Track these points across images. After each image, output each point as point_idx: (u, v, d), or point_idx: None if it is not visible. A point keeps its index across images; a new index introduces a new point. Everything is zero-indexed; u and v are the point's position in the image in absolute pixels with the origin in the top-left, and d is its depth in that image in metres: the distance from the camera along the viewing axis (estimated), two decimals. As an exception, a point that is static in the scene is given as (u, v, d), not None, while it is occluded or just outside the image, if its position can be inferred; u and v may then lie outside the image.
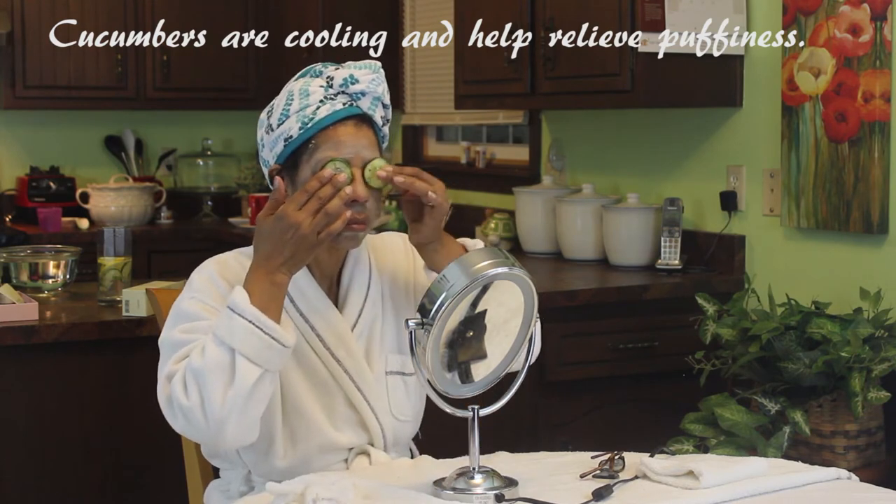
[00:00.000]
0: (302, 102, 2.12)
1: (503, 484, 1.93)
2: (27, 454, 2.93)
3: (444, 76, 5.09)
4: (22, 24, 5.42)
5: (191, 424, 1.99)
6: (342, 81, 2.13)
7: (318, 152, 2.09)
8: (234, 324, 1.96)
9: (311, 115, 2.10)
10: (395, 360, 2.24)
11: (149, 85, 5.69)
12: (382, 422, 2.22)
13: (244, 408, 1.97)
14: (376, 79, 2.16)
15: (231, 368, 1.96)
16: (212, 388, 1.95)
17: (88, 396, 2.99)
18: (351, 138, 2.11)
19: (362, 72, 2.16)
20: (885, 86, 3.26)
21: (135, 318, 2.97)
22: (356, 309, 2.22)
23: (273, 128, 2.14)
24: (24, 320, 2.93)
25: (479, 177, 5.09)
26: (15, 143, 5.80)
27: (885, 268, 3.33)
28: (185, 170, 6.02)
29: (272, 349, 1.97)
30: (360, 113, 2.14)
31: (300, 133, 2.10)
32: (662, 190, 4.06)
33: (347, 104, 2.13)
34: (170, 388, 2.01)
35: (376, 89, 2.16)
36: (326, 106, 2.11)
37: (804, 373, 3.00)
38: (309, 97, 2.12)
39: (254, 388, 1.96)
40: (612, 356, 3.60)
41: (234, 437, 2.01)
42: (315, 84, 2.14)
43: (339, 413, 2.19)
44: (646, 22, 3.55)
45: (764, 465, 2.03)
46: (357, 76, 2.14)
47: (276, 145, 2.14)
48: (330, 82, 2.14)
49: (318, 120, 2.10)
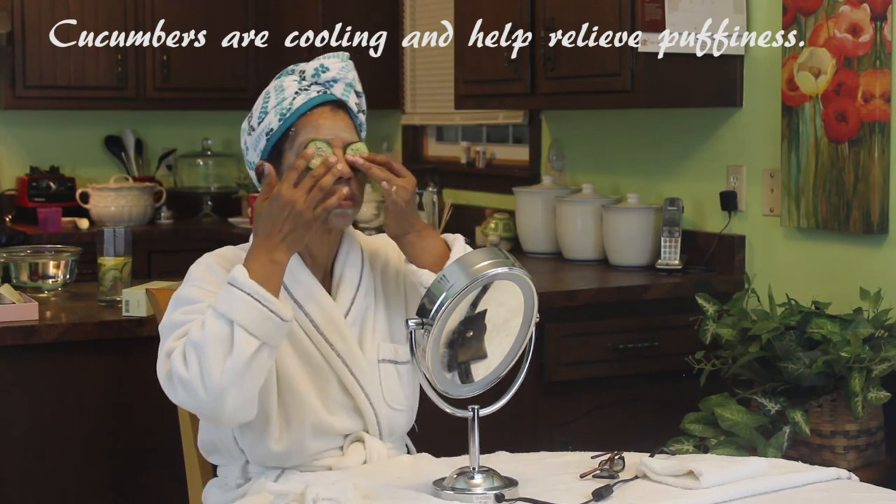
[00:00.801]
0: (278, 97, 2.22)
1: (503, 484, 1.93)
2: (27, 454, 2.93)
3: (444, 76, 5.09)
4: (22, 24, 5.42)
5: (191, 396, 2.02)
6: (314, 72, 2.24)
7: (298, 137, 2.18)
8: (233, 297, 2.01)
9: (288, 105, 2.20)
10: (388, 349, 2.29)
11: (149, 85, 5.69)
12: (377, 408, 2.25)
13: (242, 379, 2.00)
14: (346, 66, 2.26)
15: (230, 340, 2.00)
16: (211, 359, 1.99)
17: (88, 396, 2.98)
18: (328, 121, 2.20)
19: (331, 61, 2.26)
20: (885, 86, 3.26)
21: (135, 318, 2.97)
22: (349, 297, 2.27)
23: (254, 128, 2.24)
24: (24, 320, 2.93)
25: (479, 177, 5.09)
26: (15, 143, 5.80)
27: (885, 268, 3.33)
28: (185, 170, 6.02)
29: (270, 321, 2.01)
30: (334, 99, 2.23)
31: (280, 124, 2.20)
32: (662, 190, 4.06)
33: (321, 92, 2.23)
34: (169, 363, 2.04)
35: (347, 76, 2.26)
36: (301, 96, 2.21)
37: (804, 373, 3.00)
38: (284, 91, 2.22)
39: (252, 360, 2.00)
40: (612, 356, 3.60)
41: (234, 410, 2.03)
42: (289, 80, 2.25)
43: (333, 397, 2.23)
44: (646, 22, 3.55)
45: (764, 465, 2.03)
46: (327, 65, 2.25)
47: (259, 142, 2.23)
48: (302, 75, 2.25)
49: (296, 108, 2.20)
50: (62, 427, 2.96)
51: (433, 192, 4.65)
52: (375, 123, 5.85)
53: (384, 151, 5.77)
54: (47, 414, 2.95)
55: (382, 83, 5.56)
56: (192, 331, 2.03)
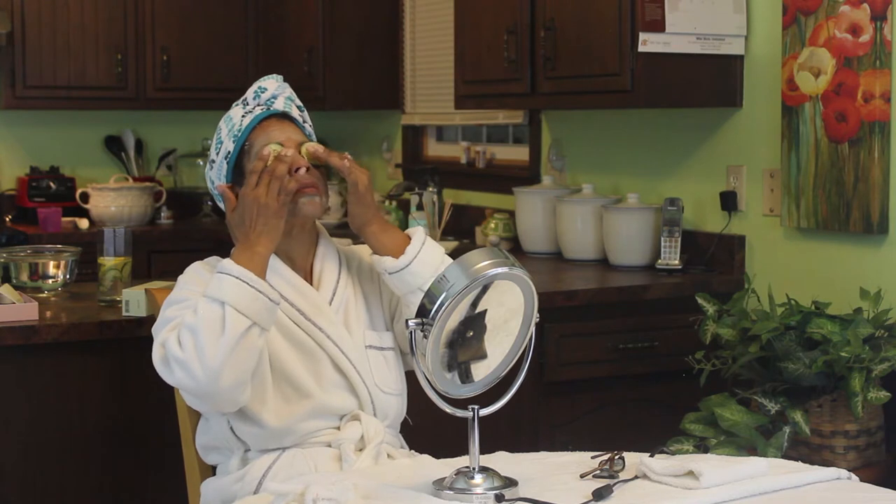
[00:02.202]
0: (228, 126, 2.40)
1: (503, 484, 1.93)
2: (27, 454, 2.93)
3: (444, 76, 5.09)
4: (22, 24, 5.42)
5: (188, 375, 2.15)
6: (254, 95, 2.44)
7: (254, 148, 2.36)
8: (223, 282, 2.17)
9: (238, 128, 2.38)
10: (372, 336, 2.42)
11: (149, 85, 5.69)
12: (370, 388, 2.36)
13: (236, 356, 2.14)
14: (282, 85, 2.46)
15: (222, 320, 2.14)
16: (206, 338, 2.13)
17: (88, 396, 2.98)
18: (277, 129, 2.38)
19: (268, 82, 2.46)
20: (885, 86, 3.26)
21: (135, 318, 2.97)
22: (331, 287, 2.41)
23: (214, 160, 2.42)
24: (24, 320, 2.93)
25: (479, 177, 5.09)
26: (15, 143, 5.80)
27: (885, 268, 3.33)
28: (185, 170, 6.02)
29: (258, 301, 2.17)
30: (278, 112, 2.42)
31: (234, 145, 2.38)
32: (662, 190, 4.06)
33: (264, 109, 2.41)
34: (164, 349, 2.18)
35: (284, 91, 2.45)
36: (248, 116, 2.39)
37: (804, 373, 3.00)
38: (232, 119, 2.41)
39: (243, 337, 2.15)
40: (612, 356, 3.60)
41: (229, 388, 2.16)
42: (234, 110, 2.43)
43: (326, 377, 2.34)
44: (646, 22, 3.55)
45: (764, 465, 2.03)
46: (264, 86, 2.45)
47: (221, 169, 2.40)
48: (245, 102, 2.44)
49: (245, 127, 2.38)
50: (62, 427, 2.96)
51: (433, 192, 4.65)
52: (375, 123, 5.86)
53: (384, 151, 5.78)
54: (47, 414, 2.95)
55: (382, 83, 5.56)
56: (185, 316, 2.18)
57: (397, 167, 5.64)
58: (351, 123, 6.06)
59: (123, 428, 3.01)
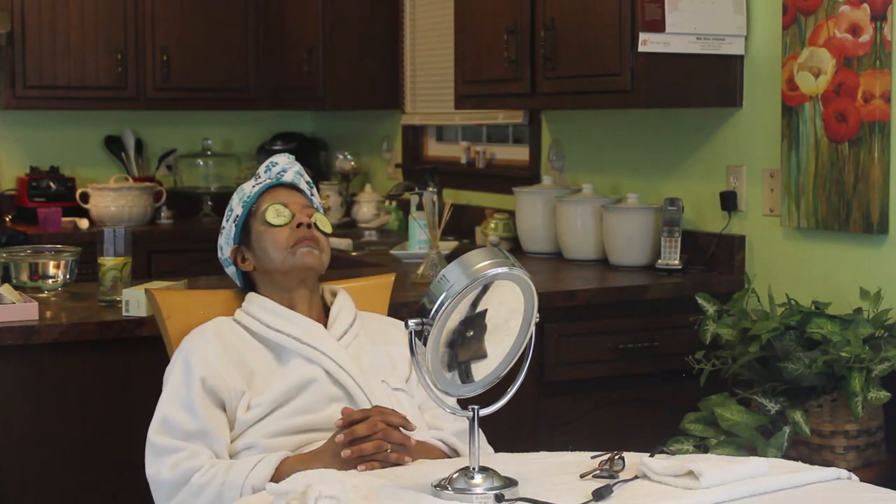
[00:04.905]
0: (240, 195, 2.57)
1: (503, 484, 1.93)
2: (27, 454, 2.93)
3: (443, 76, 5.09)
4: (22, 24, 5.41)
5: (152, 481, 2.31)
6: (265, 168, 2.59)
7: (260, 210, 2.51)
8: None
9: (248, 195, 2.55)
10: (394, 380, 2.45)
11: (149, 85, 5.68)
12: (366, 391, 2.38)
13: None
14: (291, 160, 2.62)
15: None
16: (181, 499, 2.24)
17: (88, 396, 2.98)
18: (284, 194, 2.54)
19: (279, 157, 2.62)
20: (885, 86, 3.26)
21: (135, 318, 2.97)
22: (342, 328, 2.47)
23: (224, 226, 2.58)
24: (24, 320, 2.93)
25: (479, 177, 5.09)
26: (15, 143, 5.80)
27: (885, 268, 3.33)
28: (185, 170, 6.02)
29: None
30: (287, 182, 2.57)
31: (243, 209, 2.54)
32: (662, 190, 4.06)
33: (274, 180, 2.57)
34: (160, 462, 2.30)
35: (294, 165, 2.61)
36: (258, 186, 2.56)
37: (804, 373, 3.00)
38: (244, 190, 2.58)
39: None
40: (612, 356, 3.60)
41: None
42: (246, 183, 2.60)
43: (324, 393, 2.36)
44: (646, 22, 3.55)
45: (764, 465, 2.03)
46: (275, 160, 2.61)
47: (231, 232, 2.56)
48: (256, 176, 2.60)
49: (254, 193, 2.55)
50: (62, 427, 2.96)
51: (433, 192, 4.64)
52: (375, 123, 5.85)
53: (384, 151, 5.77)
54: (47, 414, 2.95)
55: (382, 83, 5.56)
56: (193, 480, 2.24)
57: (397, 167, 5.64)
58: (351, 123, 6.06)
59: (123, 428, 3.00)
